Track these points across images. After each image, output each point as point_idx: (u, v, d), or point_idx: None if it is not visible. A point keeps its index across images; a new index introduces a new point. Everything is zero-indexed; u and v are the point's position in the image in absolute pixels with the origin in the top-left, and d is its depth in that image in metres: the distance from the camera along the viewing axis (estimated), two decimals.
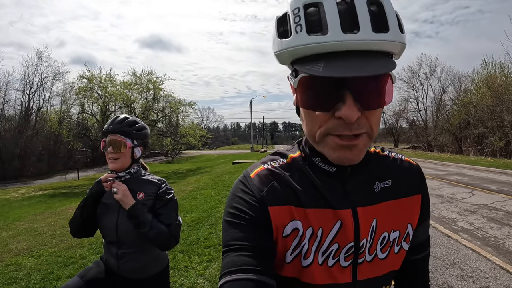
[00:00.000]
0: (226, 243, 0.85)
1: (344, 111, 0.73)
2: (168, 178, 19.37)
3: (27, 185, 21.94)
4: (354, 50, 0.71)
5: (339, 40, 0.69)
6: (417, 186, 1.00)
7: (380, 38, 0.71)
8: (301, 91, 0.79)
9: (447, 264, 4.77)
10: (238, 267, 0.78)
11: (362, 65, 0.70)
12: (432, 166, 19.66)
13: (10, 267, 5.33)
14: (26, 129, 30.41)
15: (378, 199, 0.91)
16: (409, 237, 0.98)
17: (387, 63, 0.73)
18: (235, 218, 0.86)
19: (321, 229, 0.87)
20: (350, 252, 0.88)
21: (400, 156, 1.04)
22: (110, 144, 2.10)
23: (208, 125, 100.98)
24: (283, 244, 0.87)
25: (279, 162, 0.95)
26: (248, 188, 0.89)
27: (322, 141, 0.81)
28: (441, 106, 39.67)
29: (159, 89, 27.81)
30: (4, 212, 11.71)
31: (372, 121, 0.78)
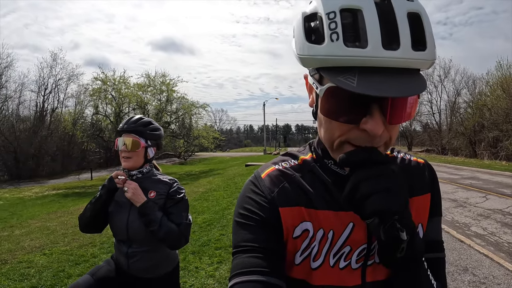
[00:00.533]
0: (236, 244, 0.85)
1: (371, 126, 0.71)
2: (181, 179, 19.42)
3: (41, 185, 22.22)
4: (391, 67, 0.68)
5: (380, 57, 0.66)
6: (426, 184, 0.98)
7: (419, 57, 0.68)
8: (326, 100, 0.76)
9: (459, 269, 4.70)
10: (247, 269, 0.78)
11: (399, 83, 0.66)
12: (446, 170, 19.43)
13: (22, 264, 5.39)
14: (40, 130, 30.82)
15: None
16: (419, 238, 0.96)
17: (421, 82, 0.69)
18: (245, 219, 0.85)
19: (332, 231, 0.86)
20: (362, 255, 0.87)
21: (408, 156, 1.03)
22: (124, 143, 2.13)
23: (221, 127, 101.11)
24: (293, 245, 0.86)
25: (290, 163, 0.94)
26: (259, 188, 0.89)
27: (339, 149, 0.80)
28: (455, 109, 39.16)
29: (173, 91, 27.96)
30: (18, 211, 11.88)
31: (392, 133, 0.77)
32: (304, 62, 0.76)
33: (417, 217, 0.94)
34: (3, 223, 9.48)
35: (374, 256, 0.89)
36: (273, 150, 61.06)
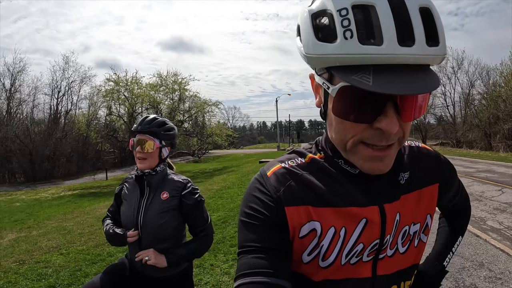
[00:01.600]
0: (242, 244, 0.84)
1: (386, 124, 0.71)
2: (195, 177, 19.56)
3: (57, 186, 22.52)
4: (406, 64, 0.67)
5: (396, 54, 0.64)
6: (435, 174, 0.98)
7: (434, 53, 0.67)
8: (339, 100, 0.74)
9: (475, 265, 4.65)
10: (252, 270, 0.78)
11: (414, 81, 0.65)
12: (461, 163, 19.18)
13: (39, 264, 5.49)
14: (55, 132, 31.20)
15: (401, 192, 0.90)
16: (428, 228, 0.97)
17: (435, 78, 0.68)
18: (250, 219, 0.85)
19: (344, 228, 0.85)
20: (374, 249, 0.87)
21: (417, 144, 1.01)
22: (138, 144, 2.14)
23: (234, 125, 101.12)
24: (300, 244, 0.86)
25: (297, 161, 0.92)
26: (265, 187, 0.87)
27: (353, 150, 0.79)
28: (469, 100, 38.55)
29: (185, 90, 28.06)
30: (35, 212, 12.06)
31: (405, 129, 0.77)
32: (314, 61, 0.74)
33: (426, 208, 0.95)
34: (21, 224, 9.64)
35: (386, 250, 0.89)
36: (287, 146, 60.89)
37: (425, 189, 0.94)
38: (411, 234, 0.92)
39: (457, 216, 1.25)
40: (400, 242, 0.91)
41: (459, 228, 1.25)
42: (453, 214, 1.25)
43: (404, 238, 0.91)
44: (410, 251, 0.93)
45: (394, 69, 0.66)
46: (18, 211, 12.62)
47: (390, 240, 0.88)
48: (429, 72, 0.69)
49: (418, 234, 0.94)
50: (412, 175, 0.93)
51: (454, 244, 1.23)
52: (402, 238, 0.91)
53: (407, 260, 0.94)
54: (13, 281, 4.85)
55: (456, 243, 1.23)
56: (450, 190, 1.09)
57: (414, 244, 0.94)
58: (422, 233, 0.95)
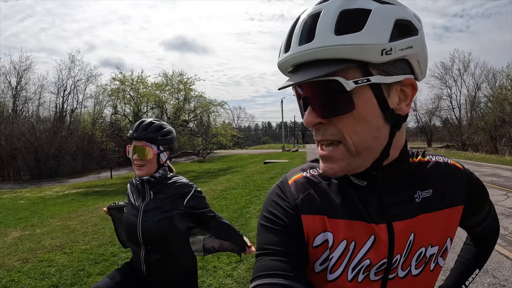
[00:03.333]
0: (260, 247, 0.85)
1: (304, 118, 0.79)
2: (200, 177, 19.56)
3: (61, 184, 22.63)
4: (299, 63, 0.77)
5: (281, 59, 0.79)
6: (461, 195, 0.93)
7: (302, 49, 0.74)
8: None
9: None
10: (270, 272, 0.79)
11: (302, 74, 0.74)
12: (466, 166, 18.37)
13: (43, 263, 5.50)
14: (60, 130, 31.34)
15: (417, 211, 0.87)
16: (447, 252, 0.94)
17: (321, 70, 0.71)
18: (269, 223, 0.86)
19: (354, 242, 0.85)
20: (382, 268, 0.86)
21: (446, 160, 0.97)
22: (135, 151, 2.10)
23: (239, 125, 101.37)
24: (313, 254, 0.86)
25: (318, 171, 0.93)
26: (284, 194, 0.90)
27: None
28: (475, 103, 38.41)
29: (190, 90, 28.12)
30: (39, 210, 12.14)
31: (342, 128, 0.76)
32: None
33: (446, 231, 0.92)
34: (25, 222, 9.70)
35: (397, 270, 0.87)
36: (292, 147, 60.98)
37: (448, 210, 0.90)
38: (427, 257, 0.89)
39: (481, 245, 1.22)
40: (414, 264, 0.88)
41: (479, 260, 1.23)
42: (478, 241, 1.23)
43: (419, 260, 0.89)
44: (424, 274, 0.90)
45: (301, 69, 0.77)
46: (23, 208, 12.71)
47: (402, 261, 0.86)
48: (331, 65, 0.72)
49: (435, 258, 0.91)
50: (433, 193, 0.89)
51: (469, 277, 1.22)
52: (417, 260, 0.88)
53: (421, 283, 0.91)
54: (16, 279, 4.86)
55: (472, 276, 1.22)
56: (479, 214, 1.05)
57: (429, 268, 0.91)
58: (440, 256, 0.92)
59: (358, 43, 0.69)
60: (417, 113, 47.04)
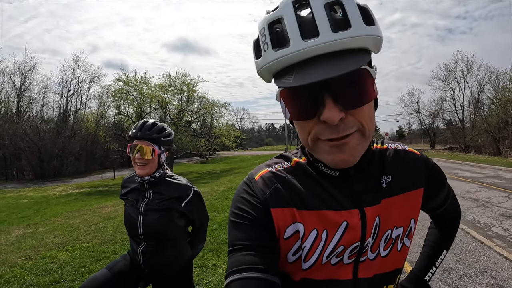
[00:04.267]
0: (231, 243, 0.86)
1: (325, 114, 0.74)
2: (202, 178, 19.58)
3: (64, 183, 22.68)
4: (322, 54, 0.72)
5: (301, 49, 0.71)
6: (420, 179, 0.98)
7: (342, 36, 0.71)
8: (286, 103, 0.81)
9: (478, 271, 4.59)
10: (243, 266, 0.80)
11: (331, 66, 0.70)
12: (469, 168, 19.05)
13: (45, 260, 5.57)
14: (64, 130, 31.42)
15: (382, 196, 0.91)
16: (412, 233, 0.98)
17: (357, 59, 0.72)
18: (239, 218, 0.88)
19: (326, 231, 0.87)
20: (355, 251, 0.89)
21: (404, 147, 1.02)
22: (138, 150, 2.14)
23: (243, 126, 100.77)
24: (285, 245, 0.88)
25: (283, 165, 0.96)
26: (252, 190, 0.91)
27: (315, 147, 0.82)
28: (479, 105, 38.31)
29: (193, 91, 27.99)
30: (42, 208, 12.17)
31: (361, 117, 0.78)
32: (262, 77, 0.84)
33: (409, 213, 0.96)
34: (28, 220, 9.74)
35: (367, 253, 0.91)
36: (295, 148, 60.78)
37: (409, 193, 0.95)
38: (393, 238, 0.93)
39: (445, 226, 1.27)
40: (382, 245, 0.92)
41: (445, 242, 1.27)
42: (441, 223, 1.27)
43: (386, 242, 0.93)
44: (392, 255, 0.94)
45: (315, 62, 0.72)
46: (26, 207, 12.74)
47: (371, 243, 0.90)
48: (355, 55, 0.73)
49: (401, 238, 0.95)
50: (395, 178, 0.94)
51: (438, 258, 1.25)
52: (385, 241, 0.92)
53: (390, 263, 0.95)
54: (18, 275, 4.92)
55: (440, 257, 1.25)
56: (438, 196, 1.10)
57: (397, 248, 0.95)
58: (406, 237, 0.96)
59: (380, 35, 0.77)
60: (420, 115, 46.98)
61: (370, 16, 0.76)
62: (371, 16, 0.76)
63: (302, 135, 0.84)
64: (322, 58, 0.72)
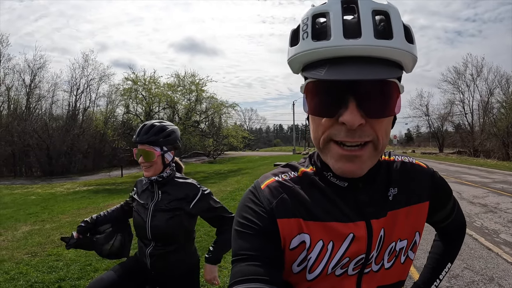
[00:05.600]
0: (235, 252, 0.85)
1: (346, 116, 0.73)
2: (209, 178, 19.56)
3: (72, 181, 22.80)
4: (357, 56, 0.72)
5: (341, 45, 0.72)
6: (427, 192, 0.98)
7: (382, 44, 0.71)
8: (308, 96, 0.80)
9: (485, 279, 4.54)
10: (247, 277, 0.79)
11: (364, 70, 0.71)
12: (477, 173, 18.90)
13: (51, 257, 5.61)
14: (73, 128, 31.58)
15: (389, 208, 0.90)
16: (416, 246, 0.98)
17: (391, 71, 0.73)
18: (244, 228, 0.86)
19: (332, 243, 0.86)
20: (360, 263, 0.88)
21: (411, 160, 1.02)
22: (140, 154, 2.18)
23: (251, 127, 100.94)
24: (290, 256, 0.87)
25: (290, 175, 0.95)
26: (258, 199, 0.90)
27: (326, 148, 0.81)
28: (488, 109, 38.03)
29: (202, 91, 28.08)
30: (50, 205, 12.23)
31: (378, 130, 0.77)
32: (291, 66, 0.84)
33: (414, 226, 0.96)
34: (35, 217, 9.80)
35: (371, 265, 0.90)
36: (302, 150, 60.72)
37: (414, 206, 0.95)
38: (397, 250, 0.93)
39: (450, 240, 1.26)
40: (386, 257, 0.92)
41: (450, 255, 1.26)
42: (446, 236, 1.26)
43: (390, 254, 0.92)
44: (395, 267, 0.94)
45: (350, 62, 0.73)
46: (33, 204, 12.81)
47: (375, 256, 0.89)
48: (390, 66, 0.74)
49: (405, 251, 0.95)
50: (401, 191, 0.93)
51: (442, 271, 1.24)
52: (389, 254, 0.92)
53: (393, 275, 0.94)
54: (24, 272, 4.96)
55: (445, 270, 1.25)
56: (444, 209, 1.10)
57: (400, 261, 0.94)
58: (410, 250, 0.96)
59: (416, 55, 0.78)
60: (429, 118, 46.68)
61: (411, 35, 0.77)
62: (412, 35, 0.77)
63: (316, 133, 0.82)
64: (357, 60, 0.73)
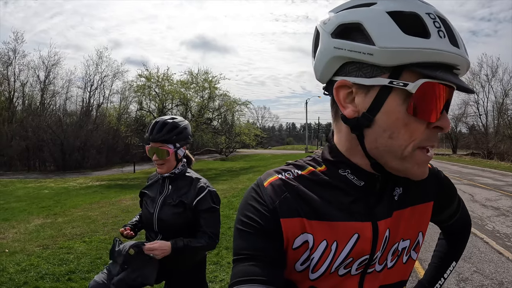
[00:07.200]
0: (236, 251, 0.84)
1: (445, 122, 0.75)
2: (221, 175, 19.61)
3: (85, 176, 23.04)
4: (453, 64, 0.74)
5: (465, 57, 0.73)
6: (431, 192, 0.97)
7: (465, 54, 0.73)
8: (420, 97, 0.72)
9: (495, 283, 4.49)
10: (247, 277, 0.78)
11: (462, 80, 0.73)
12: (491, 175, 18.65)
13: (62, 250, 5.69)
14: (86, 124, 31.89)
15: (394, 208, 0.89)
16: (419, 246, 0.97)
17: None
18: (245, 227, 0.84)
19: (336, 243, 0.85)
20: (363, 263, 0.87)
21: None
22: (153, 152, 2.21)
23: (264, 125, 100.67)
24: (293, 255, 0.86)
25: (294, 174, 0.92)
26: (261, 197, 0.87)
27: (411, 156, 0.77)
28: (503, 110, 37.43)
29: (215, 88, 28.19)
30: (62, 200, 12.39)
31: None
32: (391, 55, 0.71)
33: (418, 226, 0.95)
34: (47, 210, 9.95)
35: (375, 265, 0.89)
36: (315, 148, 60.55)
37: (419, 206, 0.94)
38: (399, 250, 0.92)
39: (455, 239, 1.25)
40: (390, 257, 0.91)
41: (454, 253, 1.25)
42: (450, 235, 1.26)
43: (393, 254, 0.91)
44: (397, 267, 0.93)
45: (449, 70, 0.74)
46: (46, 198, 12.98)
47: (379, 256, 0.89)
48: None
49: (408, 251, 0.94)
50: (406, 190, 0.92)
51: (446, 269, 1.24)
52: (392, 254, 0.91)
53: (395, 275, 0.94)
54: (35, 264, 5.04)
55: (449, 269, 1.24)
56: (448, 208, 1.09)
57: (402, 260, 0.94)
58: (412, 250, 0.95)
59: None
60: None
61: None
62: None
63: (403, 140, 0.76)
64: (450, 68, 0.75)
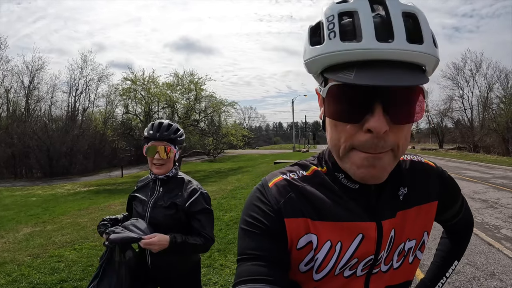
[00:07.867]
0: (241, 251, 0.84)
1: (373, 123, 0.71)
2: (209, 177, 19.61)
3: (73, 182, 22.84)
4: (387, 60, 0.69)
5: (373, 48, 0.68)
6: (435, 191, 0.97)
7: (415, 49, 0.69)
8: (330, 101, 0.77)
9: (486, 274, 4.54)
10: (252, 277, 0.78)
11: (395, 75, 0.68)
12: (477, 168, 18.90)
13: (53, 258, 5.60)
14: (72, 129, 31.61)
15: (399, 208, 0.89)
16: (424, 246, 0.97)
17: (420, 77, 0.71)
18: (251, 227, 0.85)
19: (340, 243, 0.85)
20: (368, 264, 0.87)
21: (419, 159, 1.00)
22: (156, 151, 2.18)
23: (250, 125, 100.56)
24: (297, 256, 0.86)
25: (298, 174, 0.92)
26: (266, 198, 0.87)
27: (346, 156, 0.78)
28: (487, 104, 37.93)
29: (201, 90, 28.05)
30: (51, 207, 12.26)
31: (399, 137, 0.76)
32: (310, 65, 0.79)
33: (423, 225, 0.95)
34: (36, 218, 9.83)
35: (380, 265, 0.89)
36: (302, 147, 60.76)
37: (423, 206, 0.94)
38: (406, 250, 0.92)
39: (457, 238, 1.25)
40: (396, 258, 0.91)
41: (456, 252, 1.26)
42: (453, 234, 1.26)
43: (399, 255, 0.91)
44: (404, 267, 0.93)
45: (378, 67, 0.70)
46: (34, 205, 12.84)
47: (385, 256, 0.89)
48: (417, 71, 0.72)
49: (413, 251, 0.94)
50: (411, 190, 0.92)
51: (448, 268, 1.24)
52: (398, 254, 0.91)
53: (401, 275, 0.94)
54: (26, 274, 4.96)
55: (451, 268, 1.24)
56: (452, 208, 1.09)
57: (408, 260, 0.94)
58: (418, 249, 0.95)
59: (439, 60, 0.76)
60: (429, 114, 46.61)
61: (435, 39, 0.75)
62: (435, 39, 0.76)
63: (336, 140, 0.79)
64: (386, 64, 0.70)
